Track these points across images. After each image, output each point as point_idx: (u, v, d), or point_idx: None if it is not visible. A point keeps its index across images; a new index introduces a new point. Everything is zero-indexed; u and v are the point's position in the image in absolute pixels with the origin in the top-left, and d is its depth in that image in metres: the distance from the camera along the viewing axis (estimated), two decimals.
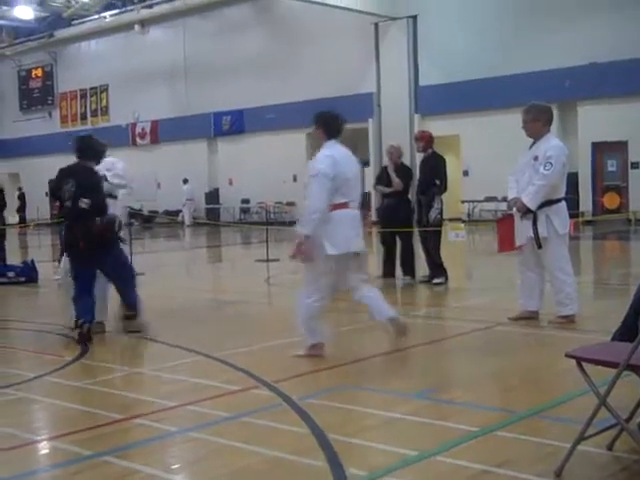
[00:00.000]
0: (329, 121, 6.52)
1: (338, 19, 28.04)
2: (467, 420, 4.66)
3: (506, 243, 7.85)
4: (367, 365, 6.39)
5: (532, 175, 7.44)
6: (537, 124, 7.60)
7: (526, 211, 7.43)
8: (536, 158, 7.46)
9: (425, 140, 11.11)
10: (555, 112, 26.40)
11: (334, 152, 6.33)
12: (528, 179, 7.47)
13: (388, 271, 11.64)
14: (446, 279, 10.90)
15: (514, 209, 7.61)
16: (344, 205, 6.31)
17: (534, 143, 7.63)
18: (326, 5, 26.15)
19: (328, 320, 8.84)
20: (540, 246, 7.40)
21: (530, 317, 7.74)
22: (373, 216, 23.77)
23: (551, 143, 7.53)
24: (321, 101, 29.51)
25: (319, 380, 5.93)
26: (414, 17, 27.71)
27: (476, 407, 4.98)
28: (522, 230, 7.55)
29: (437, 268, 10.90)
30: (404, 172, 11.59)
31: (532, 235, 7.42)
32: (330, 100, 29.15)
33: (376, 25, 28.56)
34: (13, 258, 16.33)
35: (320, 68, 29.51)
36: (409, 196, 11.73)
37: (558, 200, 7.48)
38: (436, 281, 10.79)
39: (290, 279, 12.91)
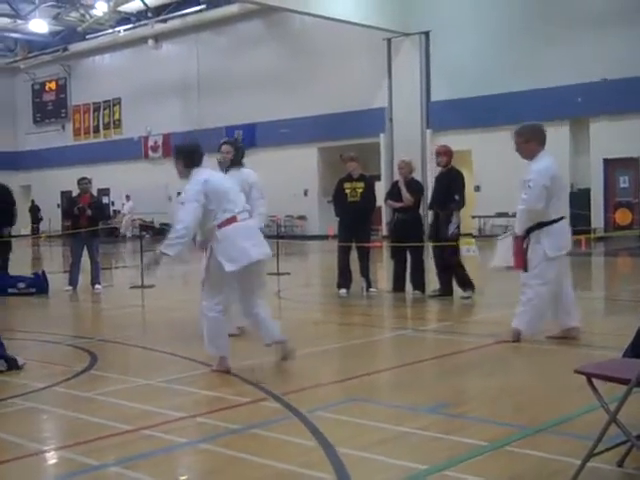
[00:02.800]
0: (189, 152, 6.62)
1: (351, 34, 28.14)
2: (477, 435, 4.63)
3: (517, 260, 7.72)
4: (377, 379, 6.37)
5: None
6: (530, 145, 7.40)
7: (516, 237, 7.35)
8: (525, 181, 7.33)
9: (448, 155, 11.09)
10: (567, 128, 26.40)
11: (201, 176, 6.43)
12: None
13: (398, 286, 11.64)
14: (473, 290, 10.88)
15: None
16: (232, 220, 6.35)
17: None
18: (339, 21, 26.24)
19: (339, 333, 8.86)
20: (526, 270, 7.27)
21: (569, 336, 7.54)
22: (384, 231, 23.79)
23: (535, 166, 7.32)
24: (333, 116, 29.67)
25: (328, 393, 5.92)
26: (426, 33, 27.80)
27: (486, 422, 4.95)
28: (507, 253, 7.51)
29: (466, 281, 10.86)
30: (415, 187, 11.59)
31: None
32: (342, 115, 29.30)
33: (388, 41, 28.65)
34: (24, 269, 16.39)
35: (332, 83, 29.61)
36: (420, 211, 11.72)
37: (552, 222, 7.27)
38: (465, 295, 10.79)
39: (300, 293, 12.92)
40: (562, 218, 7.36)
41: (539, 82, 24.61)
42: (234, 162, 8.41)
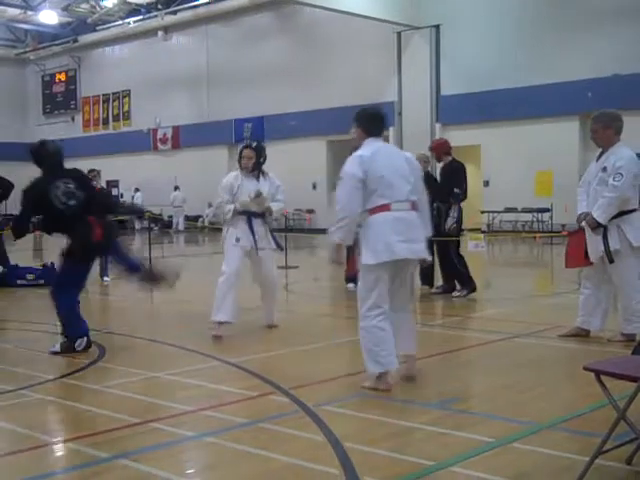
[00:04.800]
0: (366, 119, 6.01)
1: (361, 28, 28.09)
2: (484, 431, 4.63)
3: (575, 258, 7.43)
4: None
5: (600, 187, 7.02)
6: (608, 132, 7.08)
7: (597, 225, 6.98)
8: (604, 169, 7.02)
9: (437, 149, 11.03)
10: (577, 124, 26.25)
11: (367, 151, 5.73)
12: (594, 192, 7.07)
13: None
14: (470, 291, 10.67)
15: (584, 223, 7.14)
16: (384, 207, 5.59)
17: (602, 153, 7.17)
18: (349, 14, 26.18)
19: (347, 327, 8.86)
20: (612, 260, 6.98)
21: (583, 335, 7.41)
22: None
23: (621, 153, 7.03)
24: (342, 109, 29.55)
25: (336, 387, 5.92)
26: (437, 27, 27.71)
27: (493, 418, 4.95)
28: (594, 246, 7.08)
29: (463, 279, 10.75)
30: (429, 181, 11.54)
31: (603, 249, 7.00)
32: (351, 108, 28.96)
33: (398, 34, 28.58)
34: (32, 261, 16.45)
35: (342, 76, 29.57)
36: (434, 205, 11.65)
37: (631, 211, 7.01)
38: (456, 294, 10.67)
39: (308, 286, 12.92)
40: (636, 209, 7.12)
41: (549, 77, 24.52)
42: (257, 166, 8.40)
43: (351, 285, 11.65)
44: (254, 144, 8.54)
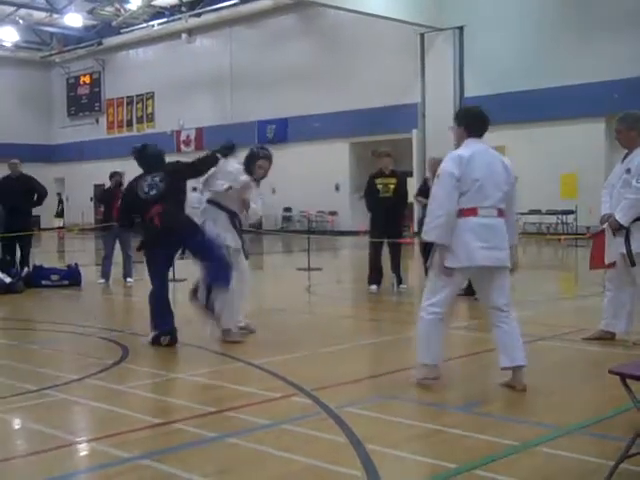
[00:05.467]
0: (471, 119, 5.90)
1: (384, 30, 28.06)
2: (507, 434, 4.60)
3: (598, 259, 7.34)
4: (407, 376, 6.33)
5: (624, 189, 6.93)
6: (632, 133, 7.03)
7: (619, 227, 6.89)
8: (628, 171, 6.94)
9: None
10: (603, 125, 25.98)
11: (466, 151, 5.65)
12: (617, 194, 7.00)
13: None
14: None
15: (606, 225, 7.07)
16: (471, 211, 5.54)
17: (627, 154, 7.09)
18: (372, 16, 26.16)
19: (370, 329, 8.85)
20: (633, 263, 6.89)
21: (607, 337, 7.33)
22: (415, 227, 23.69)
23: None
24: (365, 111, 29.61)
25: (358, 389, 5.91)
26: (460, 28, 27.61)
27: (517, 421, 4.91)
28: (614, 247, 7.01)
29: None
30: None
31: (624, 252, 6.92)
32: (375, 110, 29.24)
33: (422, 36, 28.51)
34: (57, 262, 16.57)
35: (365, 78, 29.54)
36: None
37: None
38: (478, 296, 10.61)
39: (331, 288, 12.92)
40: None
41: (575, 78, 24.36)
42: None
43: (374, 287, 11.65)
44: (270, 154, 8.33)
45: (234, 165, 8.02)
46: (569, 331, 8.03)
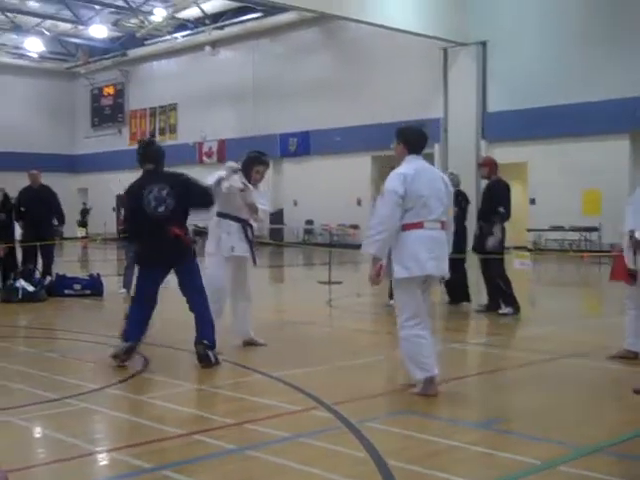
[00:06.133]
0: (410, 136, 6.25)
1: (407, 43, 28.06)
2: (529, 453, 4.56)
3: (618, 272, 7.34)
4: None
5: None
6: None
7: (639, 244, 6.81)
8: None
9: (489, 166, 11.00)
10: (627, 142, 25.80)
11: (409, 169, 5.97)
12: None
13: (452, 297, 11.59)
14: (515, 311, 10.53)
15: (625, 240, 7.01)
16: (417, 225, 5.86)
17: None
18: (395, 30, 26.16)
19: (390, 344, 8.81)
20: None
21: (631, 357, 7.25)
22: None
23: None
24: (388, 125, 29.53)
25: (379, 404, 5.89)
26: (483, 43, 27.58)
27: (539, 440, 4.87)
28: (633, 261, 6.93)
29: (506, 298, 10.66)
30: (459, 199, 11.54)
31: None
32: (396, 124, 28.91)
33: (445, 50, 28.51)
34: (79, 271, 16.65)
35: (387, 92, 29.55)
36: (465, 223, 11.58)
37: None
38: (501, 311, 10.59)
39: (352, 302, 12.90)
40: None
41: (598, 94, 24.23)
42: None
43: (393, 301, 11.60)
44: (267, 160, 8.39)
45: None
46: (591, 349, 7.96)
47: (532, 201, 26.66)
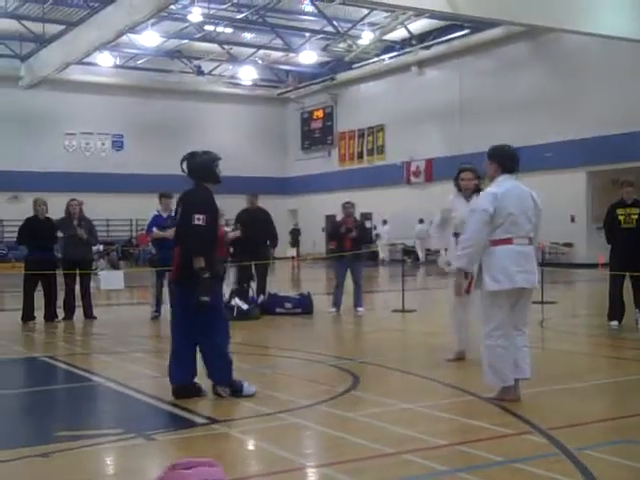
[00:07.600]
0: (504, 156, 6.57)
1: (622, 51, 26.74)
2: None
3: None
4: None
5: None
6: None
7: None
8: None
9: None
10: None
11: (499, 188, 6.31)
12: None
13: None
14: None
15: None
16: (507, 241, 6.23)
17: None
18: (609, 37, 24.98)
19: (610, 368, 8.34)
20: None
21: None
22: None
23: None
24: (603, 138, 28.31)
25: (599, 431, 5.54)
26: None
27: None
28: None
29: None
30: None
31: None
32: (613, 137, 27.89)
33: None
34: (290, 290, 17.12)
35: (601, 103, 28.25)
36: None
37: None
38: None
39: (566, 322, 12.37)
40: None
41: None
42: (476, 189, 8.44)
43: (614, 323, 11.02)
44: (470, 166, 8.88)
45: None
46: None
47: None
